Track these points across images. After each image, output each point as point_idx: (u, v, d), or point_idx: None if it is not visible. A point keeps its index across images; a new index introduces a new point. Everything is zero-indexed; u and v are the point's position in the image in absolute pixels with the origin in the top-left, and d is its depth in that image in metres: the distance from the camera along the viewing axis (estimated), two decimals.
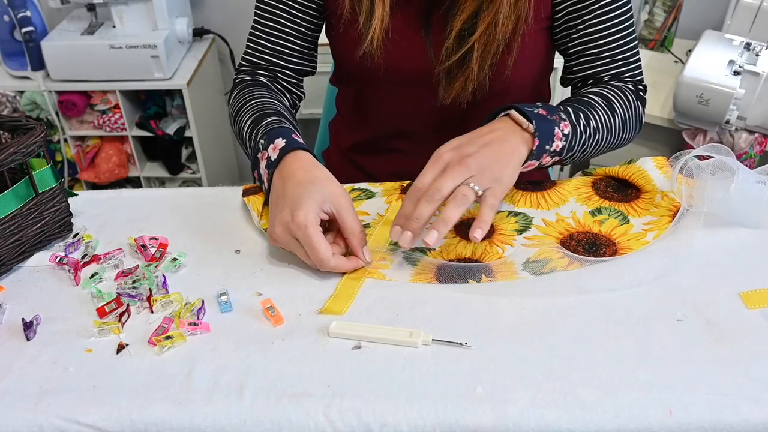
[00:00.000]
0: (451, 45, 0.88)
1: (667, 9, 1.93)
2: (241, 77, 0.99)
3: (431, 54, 0.92)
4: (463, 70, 0.89)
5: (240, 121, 0.89)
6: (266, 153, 0.81)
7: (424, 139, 1.03)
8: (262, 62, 0.98)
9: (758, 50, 1.56)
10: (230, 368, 0.64)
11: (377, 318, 0.69)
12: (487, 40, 0.86)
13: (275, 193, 0.78)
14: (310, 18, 0.97)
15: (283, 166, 0.79)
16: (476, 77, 0.88)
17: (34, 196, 0.79)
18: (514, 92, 0.96)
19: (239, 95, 0.94)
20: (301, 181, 0.76)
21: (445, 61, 0.89)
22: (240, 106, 0.91)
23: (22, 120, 0.79)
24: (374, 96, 1.01)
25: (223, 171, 2.30)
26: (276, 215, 0.75)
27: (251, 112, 0.88)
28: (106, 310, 0.71)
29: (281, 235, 0.74)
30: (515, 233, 0.81)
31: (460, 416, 0.59)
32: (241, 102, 0.91)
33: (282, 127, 0.83)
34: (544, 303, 0.70)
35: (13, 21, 1.85)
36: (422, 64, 0.92)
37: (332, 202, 0.75)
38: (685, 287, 0.72)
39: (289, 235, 0.74)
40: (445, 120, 0.99)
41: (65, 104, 1.94)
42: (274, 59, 0.98)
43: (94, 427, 0.60)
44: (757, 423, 0.58)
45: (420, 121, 1.00)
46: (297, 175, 0.77)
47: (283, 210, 0.75)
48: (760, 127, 1.61)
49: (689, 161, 0.81)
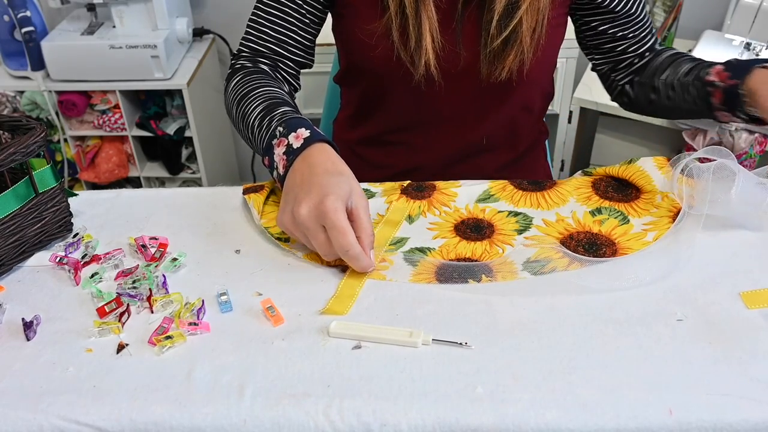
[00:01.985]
0: (495, 25, 0.90)
1: (667, 9, 1.93)
2: (242, 63, 0.98)
3: (460, 45, 0.93)
4: (512, 44, 0.91)
5: (247, 106, 0.88)
6: (285, 140, 0.79)
7: (435, 131, 1.03)
8: (264, 50, 0.97)
9: (758, 50, 1.56)
10: (230, 368, 0.64)
11: (377, 318, 0.69)
12: (533, 10, 0.89)
13: (297, 177, 0.76)
14: (316, 11, 0.97)
15: (308, 154, 0.77)
16: (527, 49, 0.92)
17: (34, 196, 0.79)
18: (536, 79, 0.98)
19: (244, 81, 0.93)
20: (330, 171, 0.75)
21: (491, 43, 0.91)
22: (247, 92, 0.90)
23: (22, 120, 0.79)
24: (389, 91, 1.01)
25: (223, 171, 2.30)
26: (301, 198, 0.73)
27: (262, 98, 0.87)
28: (106, 310, 0.71)
29: (305, 217, 0.72)
30: (515, 233, 0.81)
31: (460, 416, 0.59)
32: (248, 88, 0.90)
33: (301, 118, 0.82)
34: (544, 303, 0.70)
35: (13, 21, 1.85)
36: (451, 55, 0.93)
37: (354, 199, 0.74)
38: (685, 287, 0.72)
39: (313, 219, 0.72)
40: (458, 112, 0.99)
41: (65, 104, 1.94)
42: (277, 48, 0.97)
43: (94, 427, 0.60)
44: (757, 423, 0.58)
45: (433, 112, 1.01)
46: (325, 164, 0.76)
47: (311, 193, 0.73)
48: (760, 127, 1.61)
49: (690, 163, 0.82)
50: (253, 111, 0.87)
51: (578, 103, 1.83)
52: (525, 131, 1.09)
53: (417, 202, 0.87)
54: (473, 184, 0.90)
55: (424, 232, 0.82)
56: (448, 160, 1.06)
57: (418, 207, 0.86)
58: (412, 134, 1.05)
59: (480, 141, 1.05)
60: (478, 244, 0.80)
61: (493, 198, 0.87)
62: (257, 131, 0.85)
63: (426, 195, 0.88)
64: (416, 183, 0.90)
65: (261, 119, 0.85)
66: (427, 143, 1.05)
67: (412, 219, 0.85)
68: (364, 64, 0.98)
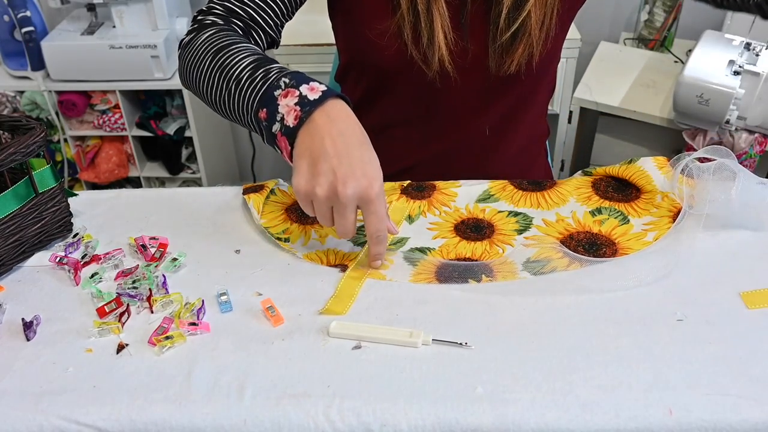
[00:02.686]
0: (504, 18, 0.89)
1: (667, 9, 1.93)
2: (213, 20, 0.88)
3: (467, 40, 0.93)
4: (521, 37, 0.90)
5: (229, 58, 0.79)
6: (296, 91, 0.72)
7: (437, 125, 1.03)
8: (241, 12, 0.89)
9: (758, 50, 1.56)
10: (230, 368, 0.64)
11: (377, 318, 0.69)
12: (541, 2, 0.89)
13: (326, 141, 0.70)
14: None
15: (330, 110, 0.72)
16: (536, 41, 0.91)
17: (34, 196, 0.79)
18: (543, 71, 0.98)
19: (221, 35, 0.84)
20: (363, 143, 0.72)
21: (500, 37, 0.91)
22: (228, 44, 0.81)
23: (22, 120, 0.79)
24: (394, 88, 1.00)
25: (223, 171, 2.30)
26: (344, 175, 0.69)
27: (249, 52, 0.79)
28: (106, 310, 0.71)
29: (349, 197, 0.69)
30: (515, 233, 0.81)
31: (460, 416, 0.59)
32: (229, 41, 0.82)
33: (306, 74, 0.76)
34: (544, 303, 0.70)
35: (13, 21, 1.85)
36: (460, 50, 0.93)
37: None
38: (685, 287, 0.72)
39: (355, 201, 0.69)
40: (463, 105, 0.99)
41: (65, 104, 1.94)
42: (254, 14, 0.89)
43: (94, 427, 0.60)
44: (757, 423, 0.58)
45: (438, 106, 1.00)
46: (355, 131, 0.72)
47: (354, 171, 0.69)
48: (760, 127, 1.61)
49: (690, 163, 0.82)
50: (239, 62, 0.78)
51: (578, 103, 1.83)
52: (528, 125, 1.09)
53: (417, 202, 0.87)
54: (473, 184, 0.90)
55: (424, 232, 0.82)
56: (448, 154, 1.06)
57: (418, 207, 0.86)
58: (412, 128, 1.04)
59: (483, 134, 1.04)
60: (478, 244, 0.80)
61: (493, 198, 0.88)
62: (247, 83, 0.76)
63: (426, 195, 0.88)
64: (416, 183, 0.90)
65: (253, 70, 0.76)
66: (427, 136, 1.05)
67: (412, 219, 0.85)
68: (374, 62, 0.96)
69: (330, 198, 0.70)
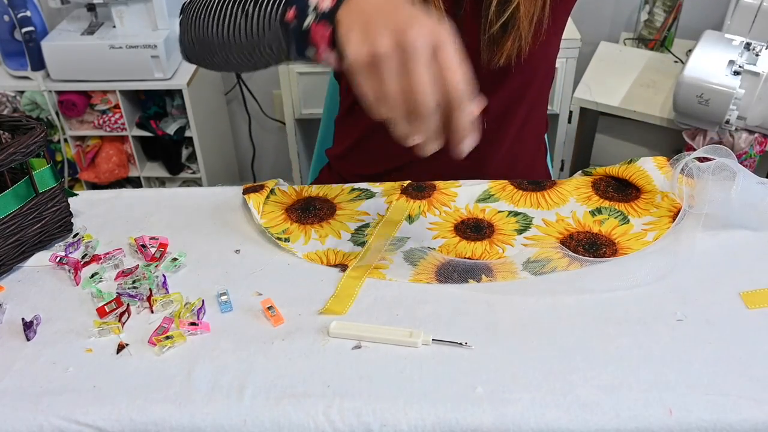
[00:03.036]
0: (494, 10, 0.89)
1: (667, 9, 1.93)
2: None
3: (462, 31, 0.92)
4: (510, 30, 0.90)
5: None
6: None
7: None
8: None
9: (758, 50, 1.56)
10: (230, 368, 0.64)
11: (377, 318, 0.69)
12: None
13: (370, 4, 0.64)
14: None
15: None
16: (525, 34, 0.90)
17: (34, 196, 0.79)
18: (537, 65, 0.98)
19: None
20: (415, 2, 0.65)
21: (490, 29, 0.90)
22: None
23: (22, 120, 0.79)
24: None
25: (223, 171, 2.30)
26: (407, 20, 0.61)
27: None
28: (106, 310, 0.71)
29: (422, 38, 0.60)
30: (515, 233, 0.81)
31: (460, 416, 0.59)
32: None
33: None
34: (544, 303, 0.70)
35: (13, 21, 1.85)
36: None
37: None
38: (685, 287, 0.72)
39: (428, 44, 0.61)
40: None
41: (65, 104, 1.94)
42: None
43: (94, 427, 0.60)
44: (757, 423, 0.58)
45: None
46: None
47: (416, 16, 0.62)
48: (760, 127, 1.61)
49: (690, 163, 0.82)
50: None
51: (578, 103, 1.83)
52: (525, 118, 1.09)
53: (417, 202, 0.87)
54: (473, 184, 0.90)
55: (424, 232, 0.82)
56: (447, 149, 1.06)
57: (418, 207, 0.86)
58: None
59: (481, 127, 1.04)
60: (478, 244, 0.80)
61: (493, 198, 0.88)
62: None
63: (426, 195, 0.88)
64: (416, 183, 0.90)
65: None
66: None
67: (412, 219, 0.85)
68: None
69: (398, 48, 0.61)
